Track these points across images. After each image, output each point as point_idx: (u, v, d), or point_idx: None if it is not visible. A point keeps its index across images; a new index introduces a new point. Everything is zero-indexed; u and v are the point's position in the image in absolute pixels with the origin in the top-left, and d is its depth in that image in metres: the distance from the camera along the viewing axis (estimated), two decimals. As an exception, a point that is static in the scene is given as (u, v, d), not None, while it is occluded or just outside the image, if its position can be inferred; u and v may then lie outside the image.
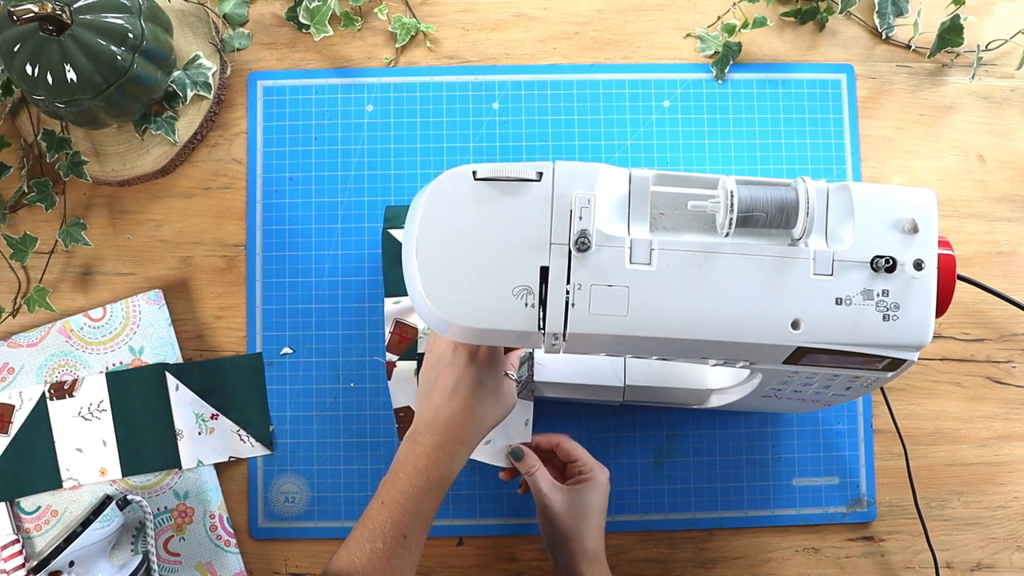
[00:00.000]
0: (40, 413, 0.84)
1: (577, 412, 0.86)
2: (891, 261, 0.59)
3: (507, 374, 0.74)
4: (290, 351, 0.86)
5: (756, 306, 0.59)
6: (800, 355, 0.61)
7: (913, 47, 0.91)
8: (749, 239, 0.60)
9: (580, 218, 0.59)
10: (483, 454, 0.80)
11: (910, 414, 0.87)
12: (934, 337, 0.84)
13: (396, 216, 0.84)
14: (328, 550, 0.85)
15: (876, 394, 0.86)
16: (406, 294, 0.66)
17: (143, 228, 0.88)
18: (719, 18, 0.90)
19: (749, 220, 0.58)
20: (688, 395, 0.80)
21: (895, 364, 0.62)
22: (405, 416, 0.82)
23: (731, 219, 0.58)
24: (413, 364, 0.81)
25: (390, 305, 0.82)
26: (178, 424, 0.84)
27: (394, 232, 0.83)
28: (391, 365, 0.81)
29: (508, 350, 0.77)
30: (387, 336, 0.82)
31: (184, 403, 0.84)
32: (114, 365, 0.85)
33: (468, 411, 0.68)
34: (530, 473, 0.78)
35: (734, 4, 0.90)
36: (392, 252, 0.83)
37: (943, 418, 0.88)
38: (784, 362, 0.63)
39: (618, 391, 0.79)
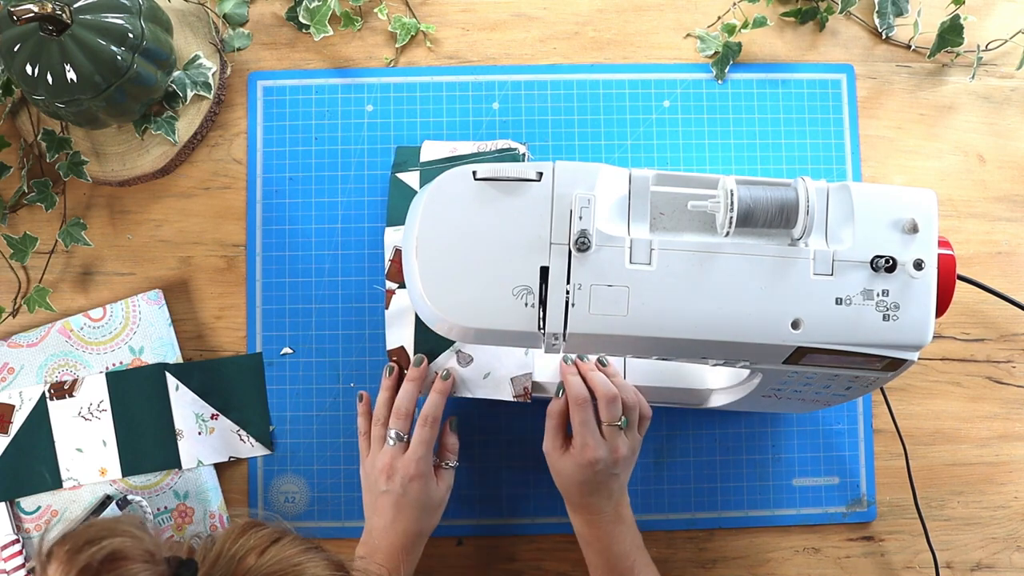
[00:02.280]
0: (40, 413, 0.84)
1: (577, 412, 0.86)
2: (891, 261, 0.59)
3: (445, 465, 0.78)
4: (290, 351, 0.86)
5: (756, 306, 0.59)
6: (800, 355, 0.61)
7: (913, 47, 0.91)
8: (749, 239, 0.60)
9: (580, 218, 0.59)
10: (484, 389, 0.79)
11: (910, 414, 0.87)
12: (934, 337, 0.84)
13: (404, 161, 0.85)
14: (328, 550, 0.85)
15: (876, 394, 0.86)
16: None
17: (143, 228, 0.88)
18: (719, 18, 0.90)
19: (749, 220, 0.58)
20: (688, 395, 0.80)
21: (895, 364, 0.62)
22: (398, 360, 0.81)
23: (731, 218, 0.58)
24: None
25: (391, 233, 0.82)
26: (178, 424, 0.84)
27: (401, 176, 0.84)
28: (390, 293, 0.81)
29: (441, 438, 0.79)
30: (387, 264, 0.82)
31: (184, 403, 0.84)
32: (114, 365, 0.85)
33: (407, 532, 0.74)
34: (548, 417, 0.77)
35: (734, 4, 0.90)
36: (399, 190, 0.83)
37: (943, 418, 0.88)
38: (784, 362, 0.63)
39: (618, 391, 0.79)
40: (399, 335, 0.82)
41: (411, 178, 0.83)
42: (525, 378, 0.79)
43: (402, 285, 0.81)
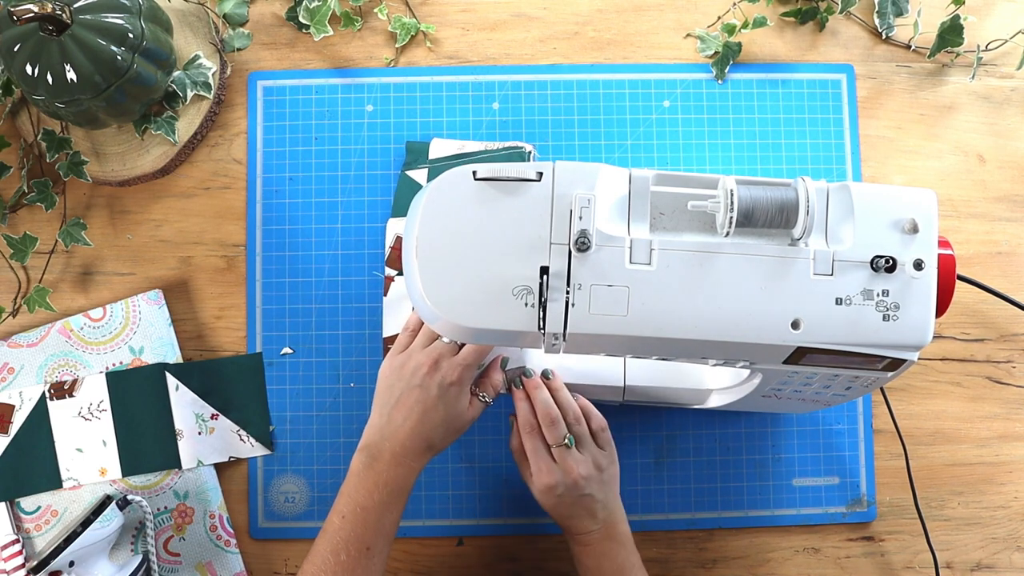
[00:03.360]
0: (40, 413, 0.84)
1: (577, 412, 0.86)
2: (891, 261, 0.59)
3: (481, 397, 0.74)
4: (290, 351, 0.86)
5: (756, 306, 0.59)
6: (800, 355, 0.61)
7: (913, 47, 0.91)
8: (749, 239, 0.60)
9: (580, 218, 0.59)
10: None
11: (910, 414, 0.87)
12: (934, 337, 0.85)
13: (415, 159, 0.86)
14: (328, 550, 0.85)
15: (876, 394, 0.86)
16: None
17: (143, 228, 0.88)
18: (719, 18, 0.90)
19: (749, 220, 0.58)
20: (688, 395, 0.80)
21: (895, 364, 0.62)
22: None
23: (731, 218, 0.58)
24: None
25: (394, 223, 0.82)
26: (178, 424, 0.84)
27: (410, 173, 0.85)
28: (389, 280, 0.81)
29: (487, 371, 0.76)
30: (387, 251, 0.82)
31: (184, 403, 0.84)
32: (114, 365, 0.85)
33: (424, 437, 0.71)
34: (512, 454, 0.76)
35: (734, 4, 0.90)
36: (407, 186, 0.84)
37: (943, 418, 0.88)
38: (784, 362, 0.63)
39: (618, 391, 0.79)
40: (397, 322, 0.82)
41: (419, 175, 0.84)
42: None
43: (401, 272, 0.82)
